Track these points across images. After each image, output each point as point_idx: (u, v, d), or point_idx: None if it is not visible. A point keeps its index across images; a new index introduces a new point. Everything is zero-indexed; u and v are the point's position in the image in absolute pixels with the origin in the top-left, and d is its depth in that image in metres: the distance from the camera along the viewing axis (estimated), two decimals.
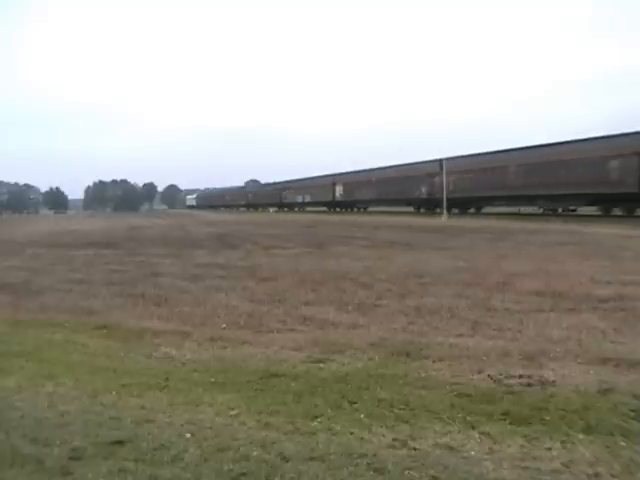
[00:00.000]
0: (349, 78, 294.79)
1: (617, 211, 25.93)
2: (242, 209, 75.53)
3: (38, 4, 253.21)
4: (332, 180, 52.99)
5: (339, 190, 50.75)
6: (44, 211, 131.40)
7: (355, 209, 49.83)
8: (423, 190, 39.36)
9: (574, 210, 26.54)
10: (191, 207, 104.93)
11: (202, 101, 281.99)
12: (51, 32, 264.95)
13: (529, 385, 3.61)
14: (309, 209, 57.39)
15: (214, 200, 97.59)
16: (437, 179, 36.37)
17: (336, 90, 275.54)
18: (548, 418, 3.06)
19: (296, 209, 57.83)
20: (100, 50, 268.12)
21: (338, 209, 50.98)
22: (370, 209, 47.86)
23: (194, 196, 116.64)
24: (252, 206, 74.46)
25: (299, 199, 60.99)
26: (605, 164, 24.62)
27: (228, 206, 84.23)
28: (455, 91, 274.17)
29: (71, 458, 2.76)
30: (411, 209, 41.71)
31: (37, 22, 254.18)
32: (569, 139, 28.35)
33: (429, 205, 38.91)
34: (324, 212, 49.03)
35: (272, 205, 67.18)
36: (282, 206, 63.98)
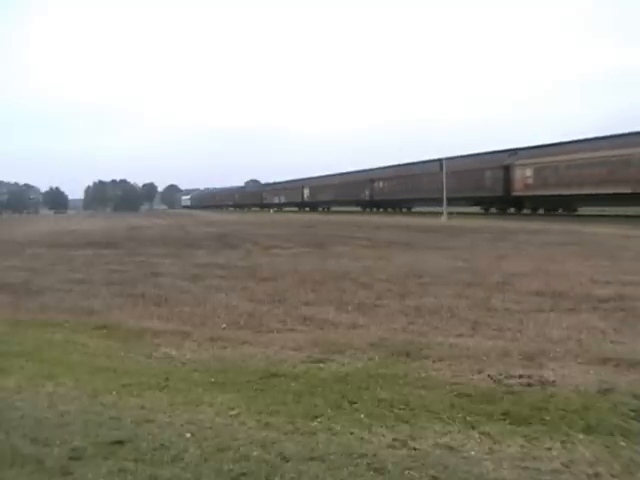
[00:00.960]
0: (349, 78, 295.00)
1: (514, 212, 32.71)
2: (230, 209, 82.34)
3: (38, 4, 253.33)
4: (301, 184, 63.14)
5: (306, 193, 60.33)
6: (44, 211, 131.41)
7: (320, 208, 58.26)
8: (366, 193, 47.93)
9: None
10: (186, 207, 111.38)
11: (202, 101, 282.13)
12: (51, 32, 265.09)
13: (529, 385, 3.61)
14: (287, 209, 65.17)
15: (206, 200, 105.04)
16: (376, 184, 46.78)
17: (336, 90, 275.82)
18: (548, 418, 3.06)
19: (275, 209, 65.46)
20: (100, 50, 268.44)
21: (307, 209, 59.69)
22: (332, 208, 56.69)
23: (188, 197, 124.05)
24: (238, 206, 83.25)
25: (276, 200, 70.02)
26: (483, 174, 33.65)
27: (218, 206, 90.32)
28: (455, 91, 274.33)
29: (71, 458, 2.76)
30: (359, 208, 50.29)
31: (37, 22, 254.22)
32: (462, 154, 37.76)
33: (371, 205, 47.70)
34: (324, 212, 53.25)
35: (254, 205, 76.50)
36: (263, 206, 72.99)
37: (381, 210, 46.47)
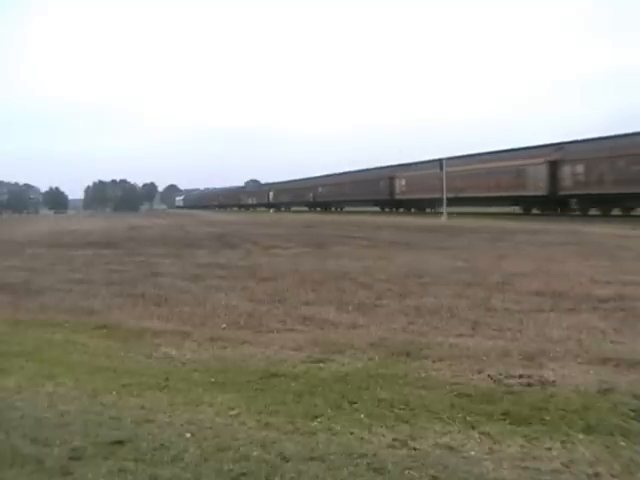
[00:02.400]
0: (349, 78, 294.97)
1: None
2: (216, 208, 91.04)
3: (38, 3, 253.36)
4: (268, 188, 79.10)
5: (271, 195, 75.12)
6: (44, 211, 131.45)
7: (282, 208, 69.62)
8: (311, 196, 61.76)
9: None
10: (179, 207, 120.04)
11: (202, 101, 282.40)
12: (51, 32, 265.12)
13: (529, 385, 3.61)
14: (280, 209, 75.56)
15: (197, 201, 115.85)
16: (318, 189, 60.46)
17: (336, 90, 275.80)
18: (548, 418, 3.06)
19: (274, 209, 73.75)
20: (100, 50, 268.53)
21: (273, 209, 70.36)
22: (289, 209, 68.36)
23: (182, 197, 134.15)
24: (222, 206, 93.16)
25: (249, 201, 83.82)
26: (378, 182, 46.98)
27: (207, 206, 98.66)
28: (455, 91, 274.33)
29: (71, 458, 2.76)
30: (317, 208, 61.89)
31: (37, 22, 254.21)
32: (365, 167, 55.05)
33: (314, 206, 60.90)
34: (308, 212, 59.52)
35: (234, 205, 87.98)
36: (240, 206, 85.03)
37: (320, 209, 59.49)
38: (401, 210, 44.33)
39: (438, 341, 4.69)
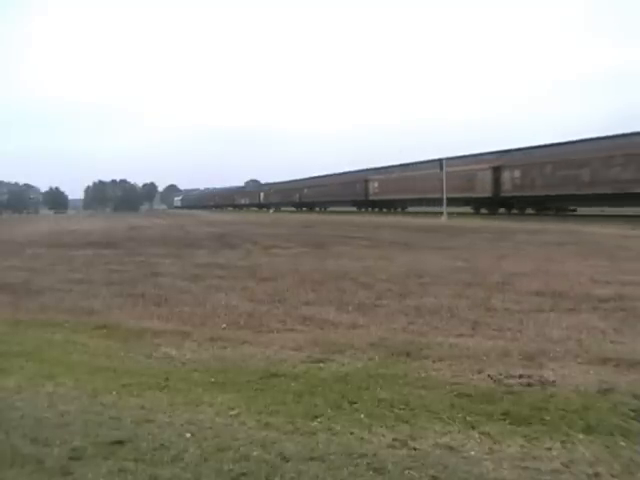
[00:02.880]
0: (349, 78, 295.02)
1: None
2: (213, 208, 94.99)
3: (38, 3, 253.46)
4: (259, 190, 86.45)
5: (262, 196, 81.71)
6: (44, 211, 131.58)
7: (272, 208, 73.60)
8: (297, 196, 67.50)
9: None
10: (177, 207, 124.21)
11: (202, 101, 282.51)
12: (51, 32, 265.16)
13: (529, 385, 3.61)
14: (284, 209, 79.10)
15: (194, 201, 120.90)
16: (303, 191, 66.34)
17: (336, 90, 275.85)
18: (548, 418, 3.06)
19: (273, 209, 76.89)
20: (100, 50, 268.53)
21: (264, 209, 75.55)
22: (278, 209, 73.02)
23: (180, 198, 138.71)
24: (218, 206, 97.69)
25: (242, 201, 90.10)
26: (355, 185, 51.83)
27: (204, 206, 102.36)
28: (455, 91, 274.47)
29: (71, 458, 2.76)
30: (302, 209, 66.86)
31: (38, 22, 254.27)
32: (342, 171, 60.83)
33: (300, 206, 66.02)
34: (314, 212, 60.39)
35: (229, 205, 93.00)
36: (234, 206, 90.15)
37: (306, 209, 64.23)
38: (375, 210, 48.34)
39: (438, 341, 4.69)
